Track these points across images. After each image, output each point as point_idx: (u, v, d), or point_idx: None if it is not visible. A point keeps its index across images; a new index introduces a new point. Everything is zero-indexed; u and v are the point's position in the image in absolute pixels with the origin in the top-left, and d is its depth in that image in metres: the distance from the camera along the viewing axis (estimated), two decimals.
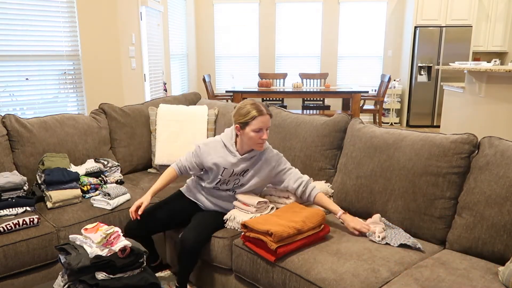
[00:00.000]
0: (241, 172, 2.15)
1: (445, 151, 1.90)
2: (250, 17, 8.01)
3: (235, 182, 2.17)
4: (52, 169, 2.37)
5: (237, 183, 2.18)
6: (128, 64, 4.47)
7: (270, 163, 2.14)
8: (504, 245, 1.67)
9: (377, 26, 7.84)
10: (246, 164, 2.13)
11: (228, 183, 2.18)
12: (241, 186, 2.18)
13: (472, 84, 4.66)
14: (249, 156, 2.13)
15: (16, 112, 3.72)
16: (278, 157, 2.17)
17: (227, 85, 8.27)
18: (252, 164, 2.14)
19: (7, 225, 2.03)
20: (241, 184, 2.18)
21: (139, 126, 3.06)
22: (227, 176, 2.15)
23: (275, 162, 2.15)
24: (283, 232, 1.76)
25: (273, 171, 2.15)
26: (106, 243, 1.67)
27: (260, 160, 2.14)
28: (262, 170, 2.14)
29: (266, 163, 2.14)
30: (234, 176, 2.15)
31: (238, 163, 2.12)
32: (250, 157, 2.13)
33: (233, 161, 2.12)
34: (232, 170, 2.13)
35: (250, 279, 1.96)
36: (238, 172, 2.14)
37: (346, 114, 2.43)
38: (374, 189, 2.10)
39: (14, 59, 3.63)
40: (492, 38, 7.51)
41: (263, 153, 2.15)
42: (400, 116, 7.96)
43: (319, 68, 8.07)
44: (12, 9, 3.55)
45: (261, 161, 2.14)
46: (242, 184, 2.17)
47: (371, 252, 1.78)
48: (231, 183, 2.18)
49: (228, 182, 2.18)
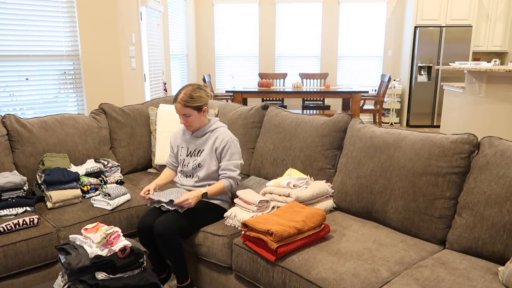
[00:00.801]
0: (196, 151, 2.35)
1: (445, 151, 1.90)
2: (250, 17, 8.01)
3: (194, 163, 2.33)
4: (52, 169, 2.37)
5: (195, 163, 2.33)
6: (128, 64, 4.47)
7: (215, 143, 2.31)
8: (504, 245, 1.67)
9: (377, 26, 7.84)
10: (197, 141, 2.35)
11: (188, 164, 2.35)
12: (199, 166, 2.32)
13: (472, 84, 4.66)
14: (199, 134, 2.35)
15: (16, 112, 3.72)
16: (226, 143, 2.29)
17: (227, 85, 8.27)
18: (203, 144, 2.34)
19: (7, 225, 2.03)
20: (199, 163, 2.33)
21: (139, 126, 3.06)
22: (185, 155, 2.38)
23: (219, 144, 2.30)
24: (283, 232, 1.77)
25: (217, 151, 2.31)
26: (106, 243, 1.67)
27: (210, 139, 2.33)
28: (208, 145, 2.33)
29: (214, 141, 2.32)
30: (192, 157, 2.35)
31: (190, 141, 2.38)
32: (200, 135, 2.35)
33: (187, 139, 2.39)
34: (188, 148, 2.38)
35: (250, 278, 1.96)
36: (192, 150, 2.36)
37: (346, 114, 2.43)
38: (374, 189, 2.10)
39: (14, 59, 3.63)
40: (492, 38, 7.51)
41: (214, 133, 2.33)
42: (400, 116, 7.96)
43: (319, 68, 8.07)
44: (12, 9, 3.55)
45: (211, 139, 2.33)
46: (200, 163, 2.32)
47: (371, 252, 1.78)
48: (190, 164, 2.35)
49: (188, 164, 2.36)
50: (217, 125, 2.37)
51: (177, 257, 2.14)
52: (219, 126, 2.36)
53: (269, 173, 2.65)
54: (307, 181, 2.26)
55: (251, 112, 2.88)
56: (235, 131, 2.90)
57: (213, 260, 2.14)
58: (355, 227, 2.04)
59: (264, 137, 2.74)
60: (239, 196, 2.21)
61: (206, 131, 2.34)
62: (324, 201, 2.26)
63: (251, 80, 8.24)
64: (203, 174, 2.31)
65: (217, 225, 2.18)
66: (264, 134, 2.75)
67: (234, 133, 2.90)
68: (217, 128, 2.35)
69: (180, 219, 2.14)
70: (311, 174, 2.43)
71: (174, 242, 2.09)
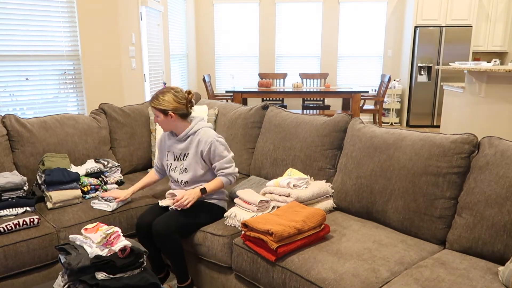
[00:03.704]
0: (182, 155, 2.31)
1: (445, 151, 1.90)
2: (250, 17, 8.01)
3: (181, 167, 2.31)
4: (52, 170, 2.37)
5: (182, 167, 2.30)
6: (128, 64, 4.47)
7: (198, 146, 2.27)
8: (504, 245, 1.67)
9: (377, 26, 7.84)
10: (181, 145, 2.31)
11: (176, 169, 2.33)
12: (186, 171, 2.29)
13: (472, 84, 4.66)
14: (181, 137, 2.30)
15: (16, 112, 3.72)
16: (209, 145, 2.24)
17: (227, 85, 8.27)
18: (187, 147, 2.30)
19: (7, 225, 2.03)
20: (185, 168, 2.29)
21: (139, 126, 3.06)
22: (172, 160, 2.35)
23: (203, 147, 2.25)
24: (283, 232, 1.77)
25: (202, 154, 2.26)
26: (106, 243, 1.67)
27: (193, 142, 2.29)
28: (192, 149, 2.28)
29: (197, 144, 2.27)
30: (179, 161, 2.32)
31: (175, 145, 2.34)
32: (183, 138, 2.30)
33: (172, 144, 2.35)
34: (173, 152, 2.34)
35: (250, 278, 1.96)
36: (178, 154, 2.32)
37: (346, 114, 2.43)
38: (374, 189, 2.10)
39: (14, 59, 3.63)
40: (492, 38, 7.51)
41: (197, 135, 2.28)
42: (400, 116, 7.96)
43: (319, 68, 8.07)
44: (12, 9, 3.55)
45: (194, 142, 2.29)
46: (186, 168, 2.29)
47: (371, 252, 1.78)
48: (177, 169, 2.32)
49: (175, 169, 2.33)
50: (198, 127, 2.30)
51: (177, 256, 2.14)
52: (200, 128, 2.30)
53: (269, 173, 2.65)
54: (307, 181, 2.26)
55: (251, 112, 2.88)
56: (235, 131, 2.90)
57: (213, 260, 2.14)
58: (355, 227, 2.04)
59: (264, 137, 2.74)
60: (239, 196, 2.21)
61: (188, 134, 2.29)
62: (324, 201, 2.26)
63: (251, 80, 8.24)
64: (190, 178, 2.28)
65: (217, 225, 2.18)
66: (264, 134, 2.75)
67: (234, 133, 2.90)
68: (199, 130, 2.29)
69: (178, 219, 2.14)
70: (311, 174, 2.43)
71: (173, 242, 2.09)
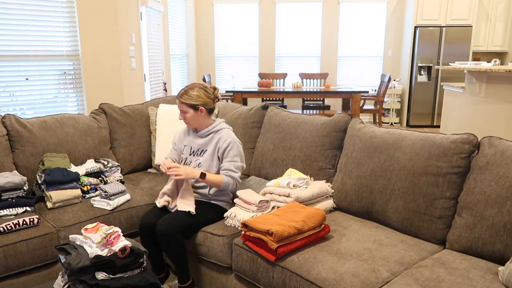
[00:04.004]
0: (199, 151, 2.34)
1: (445, 151, 1.90)
2: (250, 17, 8.01)
3: (196, 162, 2.32)
4: (52, 169, 2.37)
5: (197, 162, 2.32)
6: (128, 64, 4.47)
7: (217, 144, 2.30)
8: (504, 245, 1.67)
9: (377, 26, 7.84)
10: (200, 141, 2.34)
11: (190, 164, 2.35)
12: (199, 166, 2.30)
13: (472, 84, 4.66)
14: (203, 133, 2.34)
15: (16, 112, 3.72)
16: (228, 144, 2.26)
17: (227, 85, 8.27)
18: (206, 144, 2.33)
19: (7, 225, 2.03)
20: (199, 163, 2.31)
21: (139, 126, 3.06)
22: (187, 154, 2.38)
23: (222, 144, 2.28)
24: (283, 232, 1.77)
25: (219, 151, 2.30)
26: (106, 243, 1.67)
27: (214, 140, 2.32)
28: (211, 146, 2.32)
29: (216, 142, 2.31)
30: (194, 156, 2.35)
31: (194, 140, 2.37)
32: (204, 135, 2.34)
33: (191, 139, 2.39)
34: (191, 147, 2.37)
35: (250, 278, 1.96)
36: (196, 149, 2.35)
37: (346, 114, 2.43)
38: (374, 189, 2.10)
39: (14, 59, 3.63)
40: (492, 38, 7.51)
41: (218, 134, 2.32)
42: (400, 116, 7.96)
43: (319, 68, 8.07)
44: (12, 9, 3.55)
45: (214, 140, 2.32)
46: (200, 163, 2.31)
47: (371, 252, 1.78)
48: (192, 164, 2.34)
49: (190, 164, 2.35)
50: (222, 126, 2.36)
51: (179, 257, 2.14)
52: (223, 128, 2.36)
53: (269, 173, 2.65)
54: (307, 181, 2.26)
55: (251, 112, 2.88)
56: (235, 131, 2.89)
57: (213, 260, 2.14)
58: (355, 227, 2.04)
59: (264, 137, 2.74)
60: (239, 196, 2.21)
61: (210, 131, 2.34)
62: (324, 201, 2.26)
63: (251, 80, 8.24)
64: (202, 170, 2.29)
65: (217, 225, 2.18)
66: (264, 134, 2.75)
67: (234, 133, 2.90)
68: (221, 130, 2.34)
69: (183, 219, 2.14)
70: (311, 174, 2.43)
71: (176, 242, 2.09)
